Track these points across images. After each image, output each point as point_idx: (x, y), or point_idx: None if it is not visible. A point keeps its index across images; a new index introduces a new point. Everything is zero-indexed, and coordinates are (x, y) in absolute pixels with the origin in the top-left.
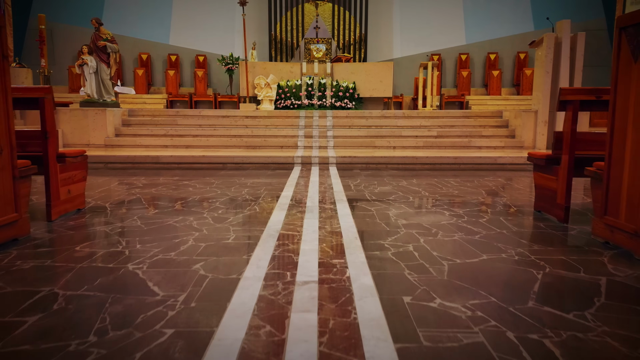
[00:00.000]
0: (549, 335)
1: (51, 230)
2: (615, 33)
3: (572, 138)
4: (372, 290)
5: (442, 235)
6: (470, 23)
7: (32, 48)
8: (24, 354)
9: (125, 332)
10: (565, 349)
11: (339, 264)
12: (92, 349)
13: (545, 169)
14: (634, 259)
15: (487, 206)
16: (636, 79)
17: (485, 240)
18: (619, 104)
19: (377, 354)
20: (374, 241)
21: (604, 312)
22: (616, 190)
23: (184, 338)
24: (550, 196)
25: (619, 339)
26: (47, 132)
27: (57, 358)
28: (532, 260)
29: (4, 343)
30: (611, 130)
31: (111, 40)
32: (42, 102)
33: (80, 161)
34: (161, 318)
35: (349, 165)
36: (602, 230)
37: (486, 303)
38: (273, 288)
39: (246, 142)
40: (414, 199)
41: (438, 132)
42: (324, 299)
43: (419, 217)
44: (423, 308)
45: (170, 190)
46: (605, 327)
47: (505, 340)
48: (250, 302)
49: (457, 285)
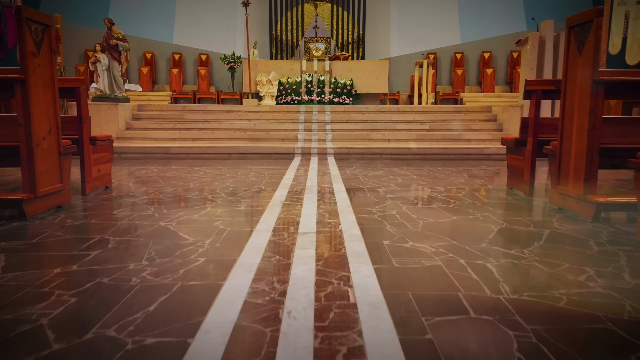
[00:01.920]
0: (490, 261)
1: (87, 201)
2: (566, 31)
3: (536, 123)
4: (359, 237)
5: (421, 205)
6: (465, 23)
7: None
8: (95, 270)
9: (168, 259)
10: (500, 268)
11: (333, 222)
12: (146, 268)
13: (514, 150)
14: (578, 219)
15: (466, 185)
16: (581, 69)
17: (458, 208)
18: (568, 91)
19: (359, 269)
20: (364, 208)
21: (539, 250)
22: (566, 163)
23: (214, 262)
24: (519, 174)
25: (543, 264)
26: (82, 117)
27: (121, 273)
28: (494, 220)
29: (79, 264)
30: (562, 112)
31: (122, 39)
32: (78, 92)
33: (108, 144)
34: (194, 252)
35: (346, 155)
36: (556, 199)
37: (448, 244)
38: (280, 236)
39: (249, 135)
40: (402, 180)
41: (430, 125)
42: (320, 242)
43: (404, 193)
44: (398, 247)
45: (183, 174)
46: (536, 257)
47: (457, 264)
48: (262, 243)
49: (428, 234)
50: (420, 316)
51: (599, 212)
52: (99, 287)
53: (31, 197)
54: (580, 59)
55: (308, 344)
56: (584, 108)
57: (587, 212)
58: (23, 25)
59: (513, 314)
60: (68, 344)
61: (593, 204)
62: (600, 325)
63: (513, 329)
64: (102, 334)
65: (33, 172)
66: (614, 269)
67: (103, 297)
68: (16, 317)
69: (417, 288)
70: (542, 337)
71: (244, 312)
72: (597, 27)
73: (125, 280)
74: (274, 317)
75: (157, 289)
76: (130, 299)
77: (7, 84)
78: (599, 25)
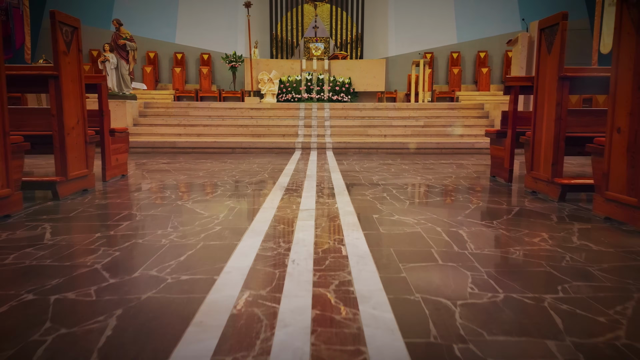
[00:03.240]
0: (463, 229)
1: (108, 186)
2: (538, 33)
3: (514, 116)
4: (352, 213)
5: (410, 189)
6: (461, 23)
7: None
8: (129, 234)
9: (189, 227)
10: (470, 235)
11: (330, 202)
12: (172, 233)
13: (496, 141)
14: (548, 200)
15: (453, 174)
16: (550, 67)
17: (442, 191)
18: (539, 86)
19: (351, 234)
20: (358, 191)
21: (506, 221)
22: (538, 151)
23: (229, 229)
24: (500, 163)
25: (507, 230)
26: (103, 111)
27: (152, 236)
28: (472, 200)
29: (115, 231)
30: (535, 105)
31: (130, 39)
32: (100, 87)
33: (125, 136)
34: (211, 222)
35: (344, 150)
36: (530, 183)
37: (429, 218)
38: (284, 211)
39: (252, 131)
40: (395, 170)
41: (425, 122)
42: (318, 216)
43: (396, 180)
44: (385, 219)
45: (191, 165)
46: (502, 227)
47: (434, 231)
48: (269, 216)
49: (412, 210)
50: (398, 263)
51: (565, 192)
52: (136, 246)
53: (63, 179)
54: (549, 57)
55: (309, 279)
56: (552, 101)
57: (555, 193)
58: (56, 28)
59: (473, 262)
60: (121, 279)
61: (559, 186)
62: (540, 269)
63: (470, 270)
64: (146, 274)
65: (65, 157)
66: (565, 234)
67: (141, 252)
68: (74, 264)
69: (398, 246)
70: (492, 275)
71: (257, 261)
72: (563, 29)
73: (157, 241)
74: (281, 263)
75: (184, 247)
76: (163, 253)
77: (42, 80)
78: (565, 28)
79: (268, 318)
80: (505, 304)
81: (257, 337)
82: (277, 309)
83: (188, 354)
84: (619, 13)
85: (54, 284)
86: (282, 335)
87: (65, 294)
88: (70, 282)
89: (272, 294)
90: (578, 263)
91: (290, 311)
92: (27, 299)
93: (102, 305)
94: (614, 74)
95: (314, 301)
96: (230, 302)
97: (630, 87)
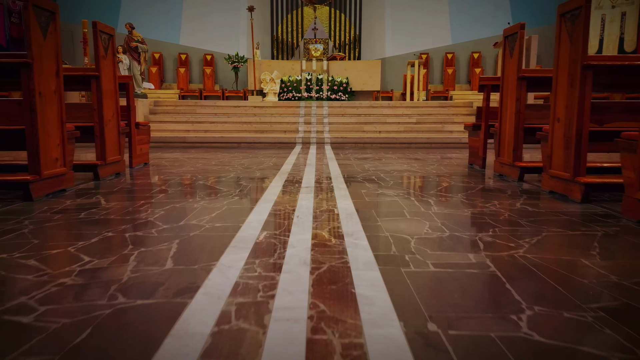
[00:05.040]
0: (432, 199)
1: (136, 171)
2: (502, 40)
3: (487, 111)
4: (345, 189)
5: (396, 173)
6: (456, 25)
7: None
8: (166, 202)
9: (214, 197)
10: (436, 202)
11: (327, 182)
12: (200, 201)
13: (473, 133)
14: (510, 180)
15: (436, 163)
16: (511, 69)
17: (423, 175)
18: (504, 84)
19: (342, 202)
20: (351, 175)
21: (469, 195)
22: (503, 140)
23: (245, 198)
24: (476, 152)
25: (467, 200)
26: (130, 106)
27: (185, 203)
28: (445, 180)
29: (154, 199)
30: (501, 101)
31: (141, 42)
32: (128, 86)
33: (147, 129)
34: (230, 194)
35: (341, 144)
36: (498, 167)
37: (406, 192)
38: (288, 189)
39: (255, 128)
40: (385, 160)
41: (417, 119)
42: (317, 191)
43: (385, 167)
44: (371, 193)
45: (203, 155)
46: (463, 199)
47: (408, 200)
48: (276, 191)
49: (394, 187)
50: (376, 217)
51: (523, 173)
52: (175, 208)
53: (102, 163)
54: (511, 60)
55: (309, 225)
56: (513, 97)
57: (515, 174)
58: (97, 35)
59: (433, 217)
60: (171, 225)
61: (518, 168)
62: (482, 221)
63: (429, 221)
64: (189, 222)
65: (104, 145)
66: (512, 201)
67: (180, 211)
68: (133, 218)
69: (377, 208)
70: (445, 224)
71: (270, 216)
72: (521, 37)
73: (190, 205)
74: (288, 217)
75: (213, 209)
76: (198, 212)
77: (86, 79)
78: (522, 36)
79: (281, 243)
80: (448, 238)
81: (275, 251)
82: (287, 239)
83: (232, 257)
84: (559, 25)
85: (123, 228)
86: (291, 251)
87: (134, 233)
88: (135, 227)
89: (283, 232)
90: (512, 217)
91: (296, 240)
92: (108, 235)
93: (164, 238)
94: (555, 74)
95: (313, 235)
96: (253, 237)
97: (566, 85)
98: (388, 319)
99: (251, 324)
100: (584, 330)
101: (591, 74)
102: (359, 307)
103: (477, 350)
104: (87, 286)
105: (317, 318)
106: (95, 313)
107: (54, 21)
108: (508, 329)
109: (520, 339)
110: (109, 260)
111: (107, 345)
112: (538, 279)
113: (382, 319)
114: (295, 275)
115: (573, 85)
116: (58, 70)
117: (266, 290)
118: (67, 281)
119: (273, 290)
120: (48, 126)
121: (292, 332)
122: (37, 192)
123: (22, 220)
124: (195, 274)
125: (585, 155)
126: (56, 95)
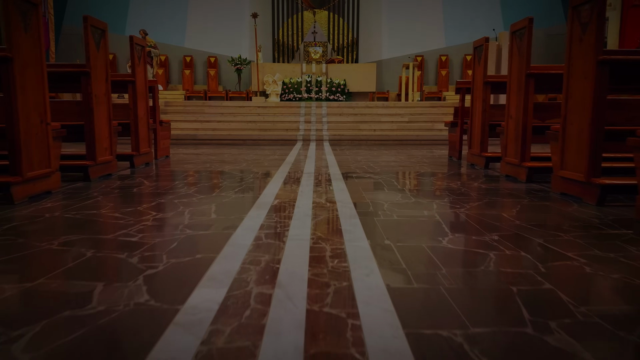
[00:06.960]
0: (409, 180)
1: (161, 162)
2: (473, 50)
3: (462, 110)
4: (340, 175)
5: (384, 163)
6: (450, 28)
7: (66, 50)
8: (196, 183)
9: (232, 180)
10: (411, 182)
11: (324, 170)
12: (222, 183)
13: (451, 129)
14: (478, 168)
15: (422, 156)
16: (479, 74)
17: (407, 164)
18: (474, 88)
19: (336, 183)
20: (345, 165)
21: (440, 178)
22: (474, 134)
23: (258, 180)
24: (454, 146)
25: (437, 180)
26: (156, 106)
27: (211, 184)
28: (424, 169)
29: (186, 181)
30: (472, 101)
31: (154, 47)
32: (154, 88)
33: (168, 126)
34: (245, 178)
35: (339, 141)
36: (470, 158)
37: (390, 176)
38: (292, 175)
39: (259, 126)
40: (377, 153)
41: (409, 118)
42: (316, 176)
43: (376, 159)
44: (360, 176)
45: (215, 150)
46: (438, 181)
47: (390, 181)
48: (283, 175)
49: (380, 172)
50: (362, 191)
51: (488, 162)
52: (205, 186)
53: (137, 154)
54: (479, 67)
55: (310, 195)
56: (480, 98)
57: (482, 163)
58: (133, 47)
59: (405, 190)
60: (206, 196)
61: (484, 158)
62: (443, 193)
63: (401, 193)
64: (220, 194)
65: (137, 138)
66: (471, 182)
67: (210, 188)
68: (174, 191)
69: (363, 186)
70: (414, 195)
71: (280, 191)
72: (486, 49)
73: (214, 184)
74: (294, 191)
75: (233, 188)
76: (224, 188)
77: (124, 83)
78: (487, 48)
79: (290, 205)
80: (412, 203)
81: (286, 210)
82: (294, 203)
83: (257, 212)
84: (511, 41)
85: (170, 198)
86: (298, 210)
87: (180, 200)
88: (179, 197)
89: (291, 200)
90: (466, 191)
91: (301, 204)
92: (162, 202)
93: (203, 202)
94: (509, 79)
95: (313, 202)
96: (269, 202)
97: (516, 88)
98: (360, 239)
99: (275, 241)
100: (484, 244)
101: (533, 81)
102: (343, 235)
103: (413, 252)
104: (162, 226)
105: (316, 239)
106: (175, 237)
107: (104, 38)
108: (434, 243)
109: (440, 247)
110: (170, 214)
111: (190, 249)
112: (465, 223)
113: (356, 239)
114: (302, 221)
115: (520, 89)
116: (107, 76)
117: (283, 228)
118: (149, 224)
119: (287, 228)
120: (100, 122)
121: (300, 245)
122: (93, 174)
123: (91, 193)
124: (233, 220)
125: (529, 145)
126: (106, 97)
